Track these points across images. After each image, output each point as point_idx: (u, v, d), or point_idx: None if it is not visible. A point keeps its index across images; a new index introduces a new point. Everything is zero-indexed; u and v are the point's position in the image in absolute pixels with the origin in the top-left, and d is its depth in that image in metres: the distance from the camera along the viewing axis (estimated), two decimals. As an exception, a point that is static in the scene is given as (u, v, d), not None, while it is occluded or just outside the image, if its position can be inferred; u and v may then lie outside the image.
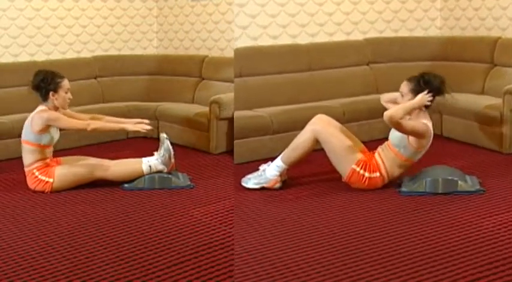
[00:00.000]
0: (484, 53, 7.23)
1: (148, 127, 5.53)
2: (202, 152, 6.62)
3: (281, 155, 5.23)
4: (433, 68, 7.19)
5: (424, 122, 4.93)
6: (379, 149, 5.18)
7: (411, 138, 4.93)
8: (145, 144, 7.07)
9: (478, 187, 4.99)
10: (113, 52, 8.52)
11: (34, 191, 5.32)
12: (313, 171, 5.64)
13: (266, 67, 7.06)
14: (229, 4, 7.58)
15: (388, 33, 8.01)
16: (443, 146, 6.44)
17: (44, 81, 5.32)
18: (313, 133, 5.12)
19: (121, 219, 4.57)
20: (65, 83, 5.39)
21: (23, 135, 5.37)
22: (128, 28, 8.63)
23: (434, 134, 6.71)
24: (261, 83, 6.97)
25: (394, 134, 5.04)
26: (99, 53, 8.37)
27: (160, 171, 5.43)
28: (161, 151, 5.46)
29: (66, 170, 5.33)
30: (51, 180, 5.27)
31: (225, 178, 5.61)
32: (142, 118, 7.32)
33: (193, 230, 4.32)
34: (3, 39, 7.59)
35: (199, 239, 4.15)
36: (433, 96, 4.97)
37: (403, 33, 8.08)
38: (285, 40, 7.44)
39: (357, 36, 7.84)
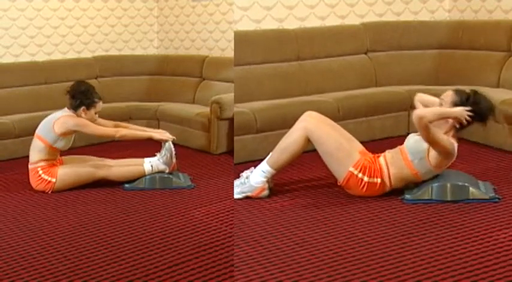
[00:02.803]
0: (499, 40, 6.58)
1: (172, 136, 5.57)
2: (203, 152, 6.61)
3: (267, 158, 4.76)
4: (440, 57, 6.86)
5: (452, 141, 4.48)
6: (387, 153, 4.69)
7: (432, 153, 4.45)
8: (147, 145, 7.05)
9: (492, 194, 4.51)
10: (113, 52, 8.52)
11: (35, 191, 5.32)
12: (303, 176, 5.32)
13: (248, 56, 6.53)
14: (230, 5, 7.56)
15: (389, 17, 7.40)
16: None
17: (84, 93, 5.33)
18: (304, 131, 4.64)
19: (122, 219, 4.57)
20: (99, 105, 5.42)
21: (39, 131, 5.36)
22: (129, 28, 8.63)
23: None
24: (242, 74, 6.45)
25: (412, 141, 4.59)
26: (99, 53, 8.38)
27: (162, 171, 5.43)
28: (163, 151, 5.46)
29: (69, 170, 5.33)
30: (53, 180, 5.27)
31: (225, 178, 5.60)
32: (142, 118, 7.45)
33: (194, 230, 4.31)
34: (4, 40, 7.60)
35: (200, 239, 4.13)
36: (473, 119, 4.47)
37: (407, 16, 7.44)
38: (269, 24, 6.91)
39: (353, 20, 7.27)
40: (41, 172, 5.29)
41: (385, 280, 3.35)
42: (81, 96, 5.33)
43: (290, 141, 4.70)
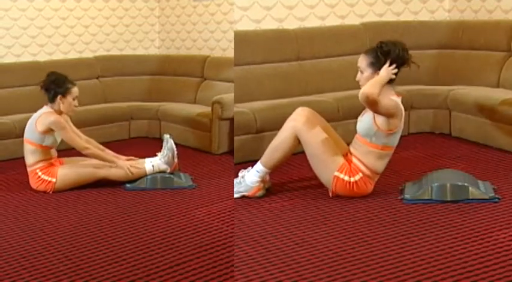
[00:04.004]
0: (499, 40, 6.57)
1: (134, 171, 5.40)
2: (204, 152, 6.62)
3: (261, 158, 4.81)
4: (440, 57, 6.83)
5: (392, 98, 4.50)
6: (351, 147, 4.72)
7: (379, 121, 4.48)
8: (148, 145, 7.07)
9: (492, 194, 4.48)
10: (115, 52, 8.53)
11: (36, 191, 5.33)
12: (303, 176, 5.30)
13: (248, 56, 6.52)
14: (231, 4, 7.57)
15: (389, 17, 7.39)
16: (452, 147, 6.02)
17: (55, 83, 5.35)
18: (293, 130, 4.66)
19: (123, 220, 4.57)
20: (75, 90, 5.41)
21: (25, 134, 5.39)
22: (130, 28, 8.64)
23: (442, 134, 6.41)
24: (242, 74, 6.46)
25: (361, 124, 4.64)
26: (101, 53, 8.39)
27: (163, 171, 5.43)
28: (164, 150, 5.47)
29: (69, 170, 5.34)
30: (53, 180, 5.28)
31: (227, 178, 5.60)
32: (143, 118, 7.46)
33: (196, 230, 4.31)
34: (5, 40, 7.61)
35: (201, 239, 4.14)
36: (397, 67, 4.52)
37: (406, 16, 7.44)
38: (269, 24, 6.90)
39: (353, 20, 7.26)
40: (40, 173, 5.30)
41: (385, 280, 3.35)
42: (53, 86, 5.35)
43: (280, 141, 4.73)
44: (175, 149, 5.48)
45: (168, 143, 5.49)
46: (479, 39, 6.80)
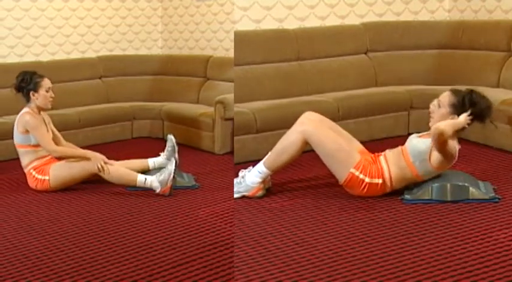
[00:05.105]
0: (499, 40, 6.57)
1: (110, 169, 5.30)
2: (207, 152, 6.63)
3: (264, 159, 4.76)
4: (440, 57, 6.85)
5: (455, 146, 4.46)
6: (388, 152, 4.67)
7: (434, 155, 4.44)
8: (150, 144, 7.08)
9: (492, 194, 4.50)
10: (117, 52, 8.55)
11: (38, 191, 5.35)
12: (303, 176, 5.32)
13: (248, 56, 6.54)
14: (233, 4, 7.58)
15: (389, 17, 7.38)
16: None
17: (24, 81, 5.41)
18: (302, 134, 4.61)
19: (126, 219, 4.59)
20: (45, 82, 5.43)
21: (14, 139, 5.46)
22: (133, 28, 8.66)
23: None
24: (242, 74, 6.47)
25: (414, 143, 4.57)
26: (104, 53, 8.41)
27: (161, 167, 5.41)
28: (167, 148, 5.47)
29: (60, 166, 5.33)
30: (47, 178, 5.29)
31: (229, 178, 5.61)
32: (146, 118, 7.47)
33: (199, 230, 4.33)
34: (8, 40, 7.63)
35: (204, 239, 4.15)
36: (472, 120, 4.46)
37: (406, 16, 7.43)
38: (269, 24, 6.91)
39: (353, 20, 7.27)
40: (34, 173, 5.34)
41: (385, 280, 3.36)
42: (23, 85, 5.41)
43: (287, 144, 4.69)
44: (172, 173, 5.15)
45: (168, 139, 5.52)
46: (479, 39, 6.80)
